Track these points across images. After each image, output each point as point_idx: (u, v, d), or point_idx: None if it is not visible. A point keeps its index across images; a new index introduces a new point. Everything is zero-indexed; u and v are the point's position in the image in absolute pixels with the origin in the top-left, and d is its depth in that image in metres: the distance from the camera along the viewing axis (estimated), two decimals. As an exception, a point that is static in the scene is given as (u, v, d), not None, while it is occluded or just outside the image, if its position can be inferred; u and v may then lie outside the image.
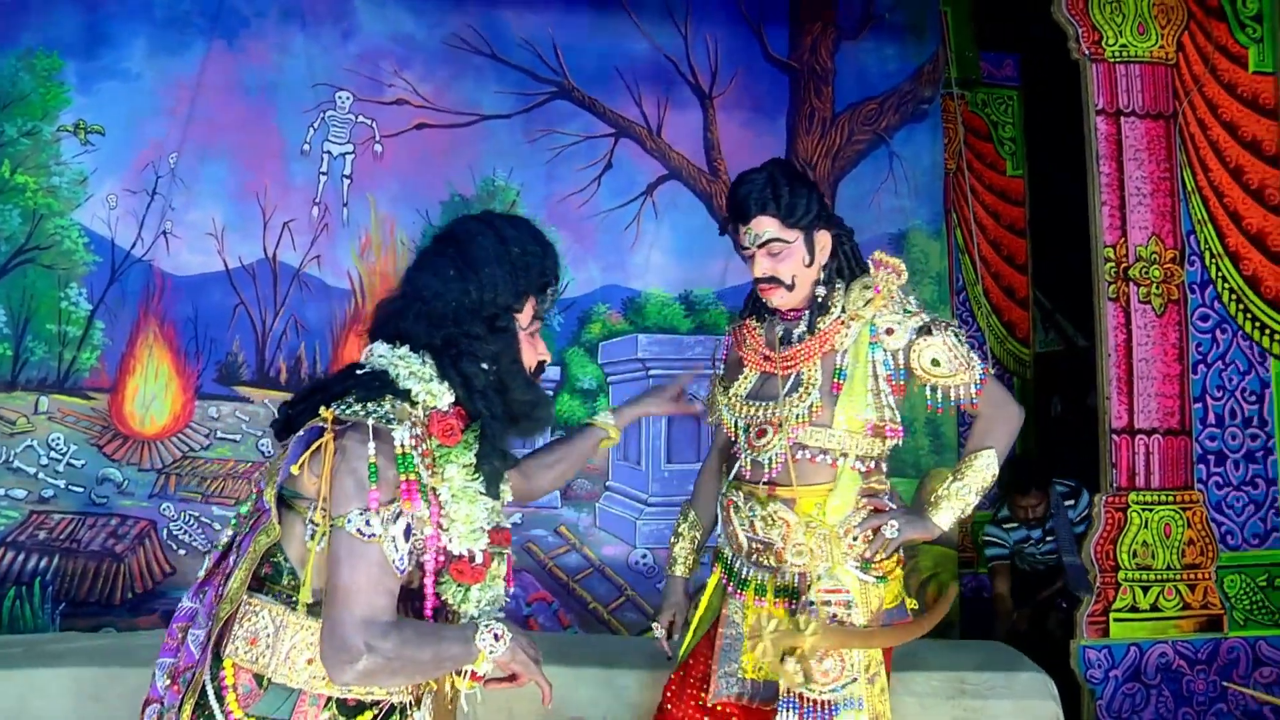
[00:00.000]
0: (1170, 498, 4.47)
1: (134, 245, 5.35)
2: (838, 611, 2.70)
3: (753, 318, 2.99)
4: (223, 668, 1.95)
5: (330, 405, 1.97)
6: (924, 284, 6.01)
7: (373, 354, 2.09)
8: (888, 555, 2.77)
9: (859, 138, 6.05)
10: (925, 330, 2.74)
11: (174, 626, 2.07)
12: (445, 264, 2.09)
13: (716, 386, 3.05)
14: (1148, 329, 4.50)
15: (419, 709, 2.11)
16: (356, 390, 2.00)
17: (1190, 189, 4.58)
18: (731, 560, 2.93)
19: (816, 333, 2.80)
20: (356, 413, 1.94)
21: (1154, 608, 4.43)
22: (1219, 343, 4.56)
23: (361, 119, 5.64)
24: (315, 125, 5.59)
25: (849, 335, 2.77)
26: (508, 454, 2.12)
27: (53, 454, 5.16)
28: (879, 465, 2.81)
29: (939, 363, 2.73)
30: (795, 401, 2.78)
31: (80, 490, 5.18)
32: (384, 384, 2.01)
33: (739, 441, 2.91)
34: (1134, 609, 4.42)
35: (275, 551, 1.98)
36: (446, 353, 2.04)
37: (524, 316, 2.11)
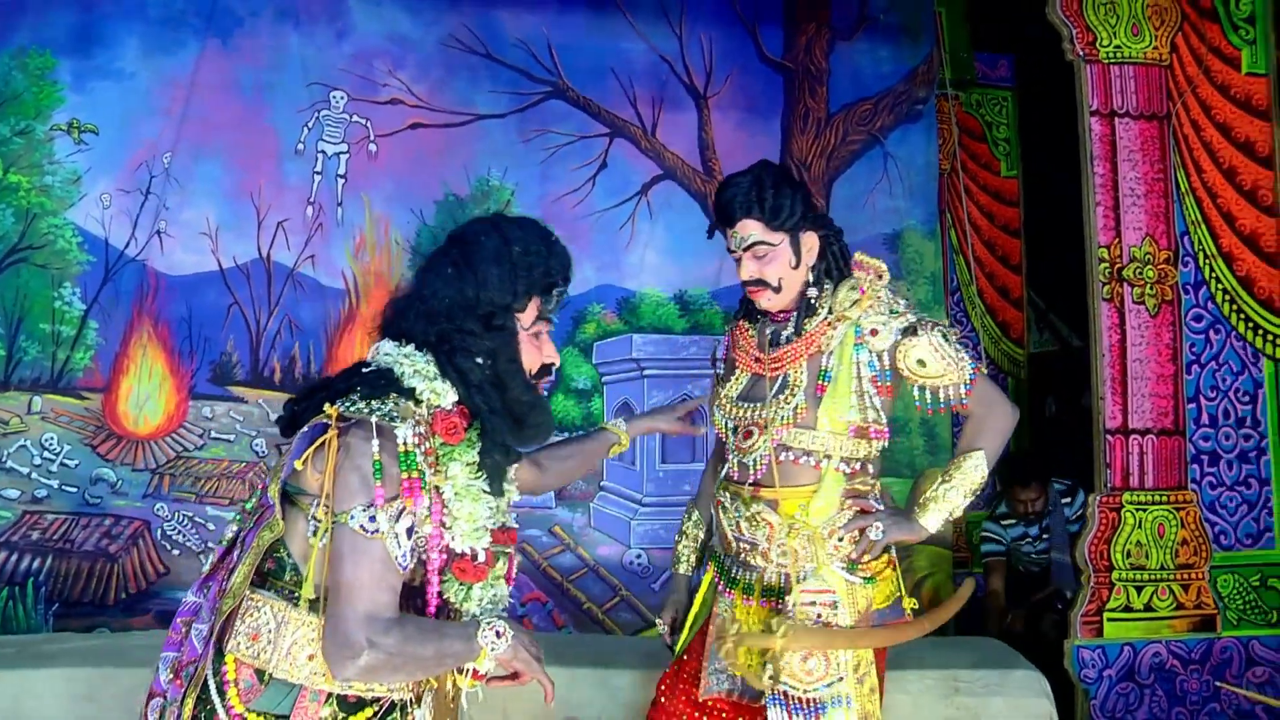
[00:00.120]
0: (1164, 498, 4.48)
1: (128, 245, 5.33)
2: (822, 612, 2.70)
3: (746, 319, 2.98)
4: (224, 663, 1.96)
5: (335, 402, 1.97)
6: (918, 284, 6.02)
7: (379, 352, 2.10)
8: (873, 556, 2.77)
9: (854, 138, 6.05)
10: (911, 331, 2.71)
11: (178, 621, 2.08)
12: (446, 263, 2.10)
13: (716, 387, 3.06)
14: (1142, 329, 4.51)
15: (419, 706, 2.11)
16: (361, 388, 2.01)
17: (1184, 190, 4.59)
18: (723, 559, 2.94)
19: (803, 334, 2.79)
20: (361, 410, 1.94)
21: (1148, 607, 4.44)
22: (1212, 343, 4.57)
23: (356, 118, 5.64)
24: (310, 125, 5.58)
25: (835, 336, 2.76)
26: (510, 449, 2.12)
27: (46, 454, 5.15)
28: (865, 467, 2.79)
29: (925, 363, 2.70)
30: (781, 403, 2.77)
31: (74, 490, 5.17)
32: (388, 382, 2.02)
33: (728, 442, 2.92)
34: (1128, 609, 4.43)
35: (278, 547, 1.99)
36: (441, 348, 2.05)
37: (526, 316, 2.10)
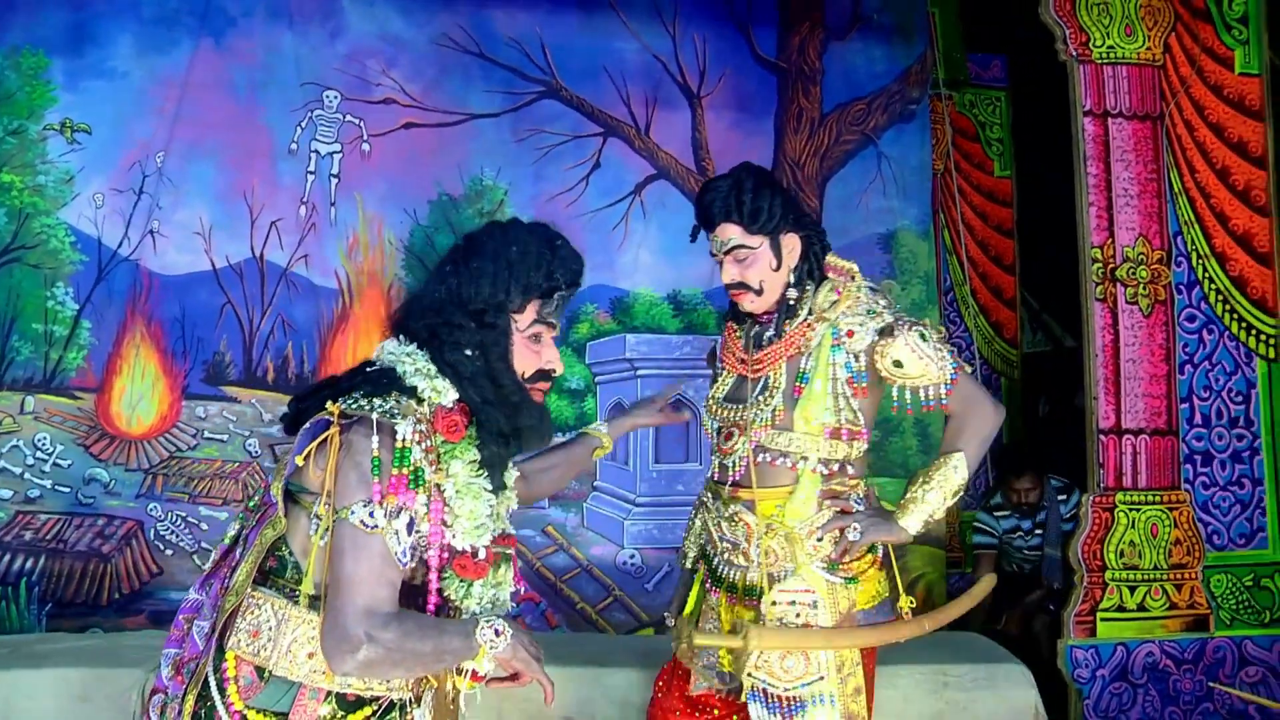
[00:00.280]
0: (1157, 498, 4.49)
1: (121, 244, 5.32)
2: (802, 612, 2.70)
3: (734, 320, 3.00)
4: (225, 659, 1.97)
5: (338, 400, 1.98)
6: (912, 284, 6.02)
7: (383, 351, 2.12)
8: (852, 557, 2.77)
9: (847, 138, 6.05)
10: (887, 331, 2.70)
11: (179, 618, 2.10)
12: (447, 261, 2.13)
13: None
14: (1135, 329, 4.52)
15: (419, 706, 2.12)
16: (364, 386, 2.02)
17: (1177, 190, 4.60)
18: (711, 558, 2.96)
19: (784, 336, 2.81)
20: (362, 407, 1.95)
21: (1141, 607, 4.44)
22: (1206, 343, 4.58)
23: (349, 118, 5.63)
24: (303, 124, 5.57)
25: (814, 338, 2.76)
26: (508, 440, 2.12)
27: (39, 454, 5.14)
28: (844, 468, 2.78)
29: (902, 364, 2.69)
30: (761, 405, 2.79)
31: (67, 490, 5.16)
32: (391, 380, 2.03)
33: (712, 443, 2.95)
34: (1121, 609, 4.43)
35: (280, 545, 2.00)
36: (433, 343, 2.07)
37: (523, 318, 2.10)
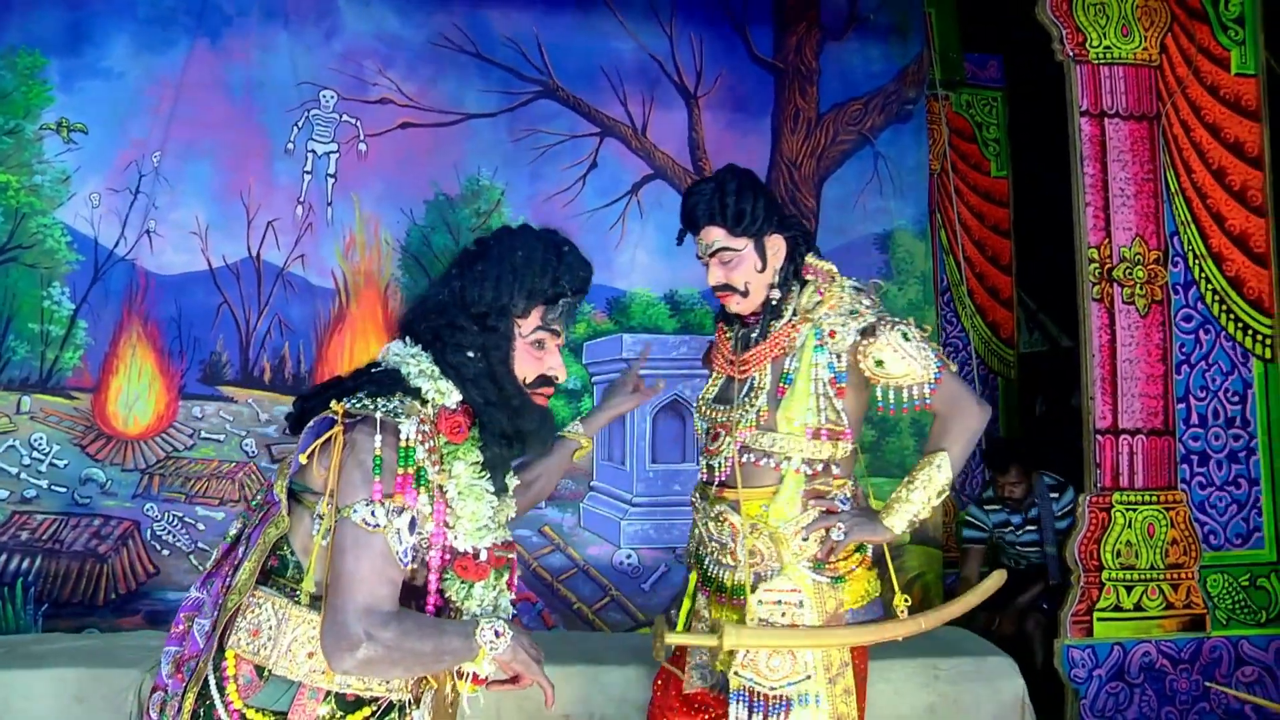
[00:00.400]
0: (1154, 498, 4.49)
1: (117, 244, 5.31)
2: (788, 611, 2.71)
3: (724, 322, 3.01)
4: (225, 658, 1.97)
5: (342, 400, 1.99)
6: (909, 284, 6.03)
7: (389, 352, 2.12)
8: (838, 556, 2.78)
9: (844, 138, 6.06)
10: (869, 331, 2.70)
11: (180, 615, 2.10)
12: (453, 264, 2.13)
13: None
14: (1131, 329, 4.52)
15: (418, 708, 2.11)
16: (368, 386, 2.03)
17: (1174, 190, 4.61)
18: (703, 558, 2.98)
19: (769, 337, 2.82)
20: (366, 407, 1.95)
21: (1137, 607, 4.45)
22: (1202, 343, 4.58)
23: (346, 118, 5.62)
24: (299, 124, 5.57)
25: (799, 338, 2.77)
26: (511, 441, 2.12)
27: (35, 454, 5.13)
28: (828, 468, 2.78)
29: (884, 363, 2.68)
30: (746, 406, 2.80)
31: (63, 490, 5.15)
32: (395, 381, 2.04)
33: (700, 444, 2.98)
34: (1118, 608, 4.44)
35: (282, 544, 2.00)
36: (435, 345, 2.07)
37: (527, 324, 2.10)
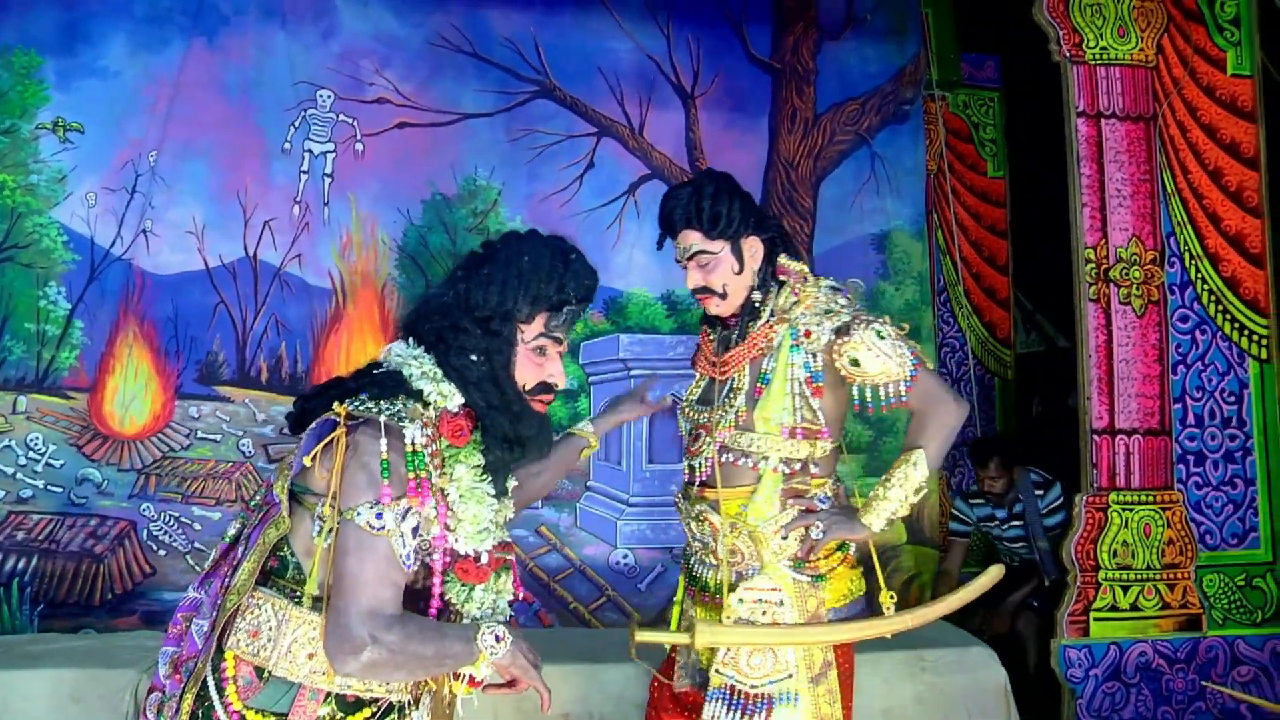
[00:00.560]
0: (1150, 498, 4.50)
1: (113, 244, 5.30)
2: (769, 610, 2.73)
3: (707, 324, 3.03)
4: (224, 659, 1.96)
5: (344, 401, 1.98)
6: (906, 285, 6.04)
7: (390, 354, 2.12)
8: (817, 555, 2.79)
9: (841, 138, 6.06)
10: (844, 330, 2.71)
11: (178, 616, 2.09)
12: (459, 267, 2.13)
13: None
14: (1128, 330, 4.53)
15: (417, 709, 2.11)
16: (371, 388, 2.02)
17: (1170, 191, 4.62)
18: (689, 557, 3.01)
19: (747, 338, 2.84)
20: (369, 409, 1.95)
21: (1134, 607, 4.46)
22: (1198, 343, 4.59)
23: (343, 118, 5.62)
24: (296, 124, 5.56)
25: (776, 339, 2.80)
26: (512, 445, 2.11)
27: (31, 454, 5.12)
28: (806, 467, 2.80)
29: (859, 362, 2.70)
30: (726, 406, 2.83)
31: (59, 490, 5.14)
32: (397, 383, 2.03)
33: (685, 445, 2.99)
34: (1114, 608, 4.45)
35: (282, 545, 1.99)
36: (438, 347, 2.06)
37: (530, 329, 2.09)
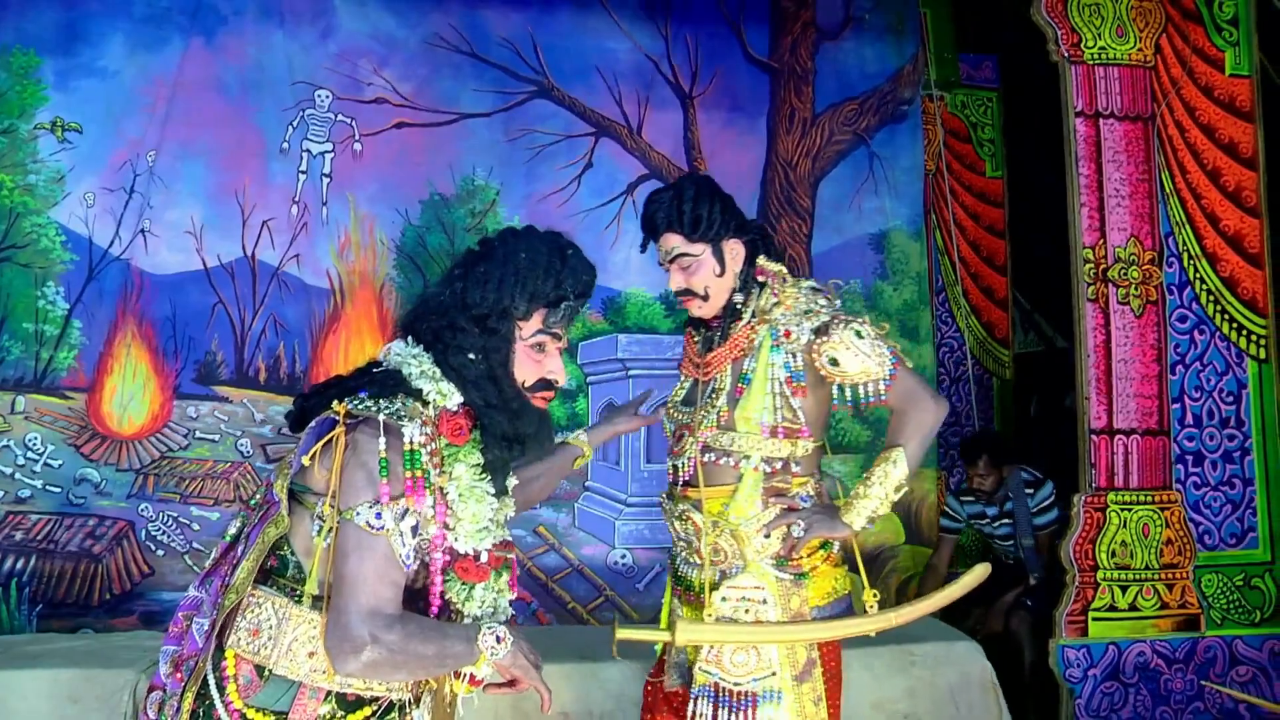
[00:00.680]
0: (1149, 498, 4.50)
1: (112, 244, 5.30)
2: (752, 608, 2.75)
3: (692, 326, 3.06)
4: (224, 658, 1.96)
5: (343, 400, 1.98)
6: (904, 284, 6.04)
7: (390, 353, 2.12)
8: (799, 553, 2.81)
9: (839, 138, 6.07)
10: (823, 330, 2.74)
11: (178, 615, 2.09)
12: (456, 265, 2.13)
13: None
14: (1126, 330, 4.53)
15: (418, 707, 2.11)
16: (370, 387, 2.02)
17: (1168, 191, 4.62)
18: (674, 557, 3.03)
19: (729, 338, 2.87)
20: (369, 408, 1.95)
21: (1132, 607, 4.46)
22: (1197, 343, 4.59)
23: (341, 117, 5.62)
24: (294, 124, 5.56)
25: (756, 339, 2.82)
26: (511, 443, 2.11)
27: (29, 454, 5.11)
28: (787, 466, 2.82)
29: (838, 361, 2.72)
30: (708, 407, 2.86)
31: (57, 490, 5.14)
32: (397, 382, 2.03)
33: (669, 445, 3.03)
34: (1112, 608, 4.45)
35: (282, 544, 2.00)
36: (436, 346, 2.07)
37: (528, 326, 2.09)
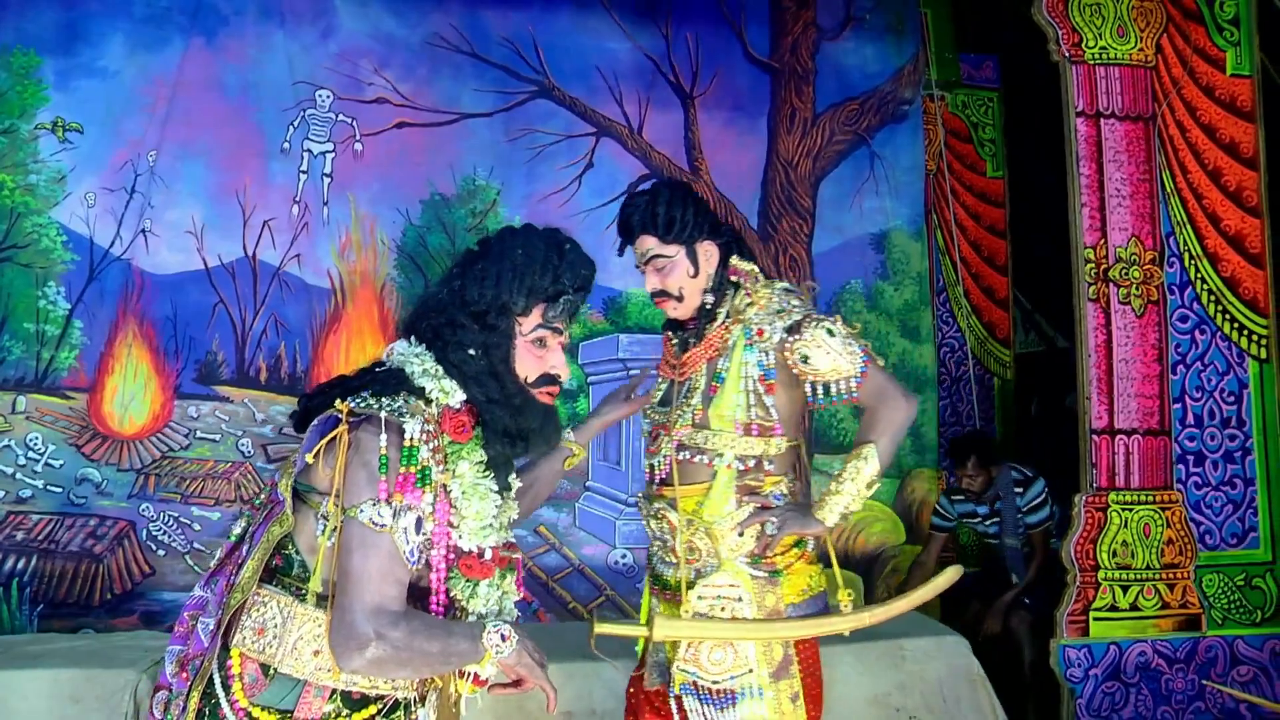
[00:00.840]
0: (1150, 498, 4.50)
1: (112, 244, 5.30)
2: (727, 606, 2.77)
3: (670, 329, 3.08)
4: (230, 657, 1.96)
5: (346, 399, 1.98)
6: (905, 284, 6.04)
7: (393, 352, 2.12)
8: (773, 551, 2.82)
9: (840, 138, 6.06)
10: (795, 328, 2.76)
11: (184, 614, 2.09)
12: (456, 264, 2.14)
13: None
14: (1127, 330, 4.53)
15: (423, 706, 2.11)
16: (373, 386, 2.03)
17: (1169, 191, 4.62)
18: (651, 556, 3.04)
19: (703, 339, 2.90)
20: (370, 406, 1.96)
21: (1133, 607, 4.46)
22: (1198, 343, 4.59)
23: (342, 117, 5.62)
24: (295, 123, 5.56)
25: (730, 339, 2.85)
26: (514, 439, 2.11)
27: (30, 454, 5.12)
28: (760, 464, 2.84)
29: (810, 359, 2.74)
30: (683, 406, 2.88)
31: (58, 490, 5.14)
32: (400, 381, 2.04)
33: (645, 445, 3.05)
34: (1113, 608, 4.45)
35: (287, 543, 2.00)
36: (436, 344, 2.07)
37: (527, 322, 2.09)
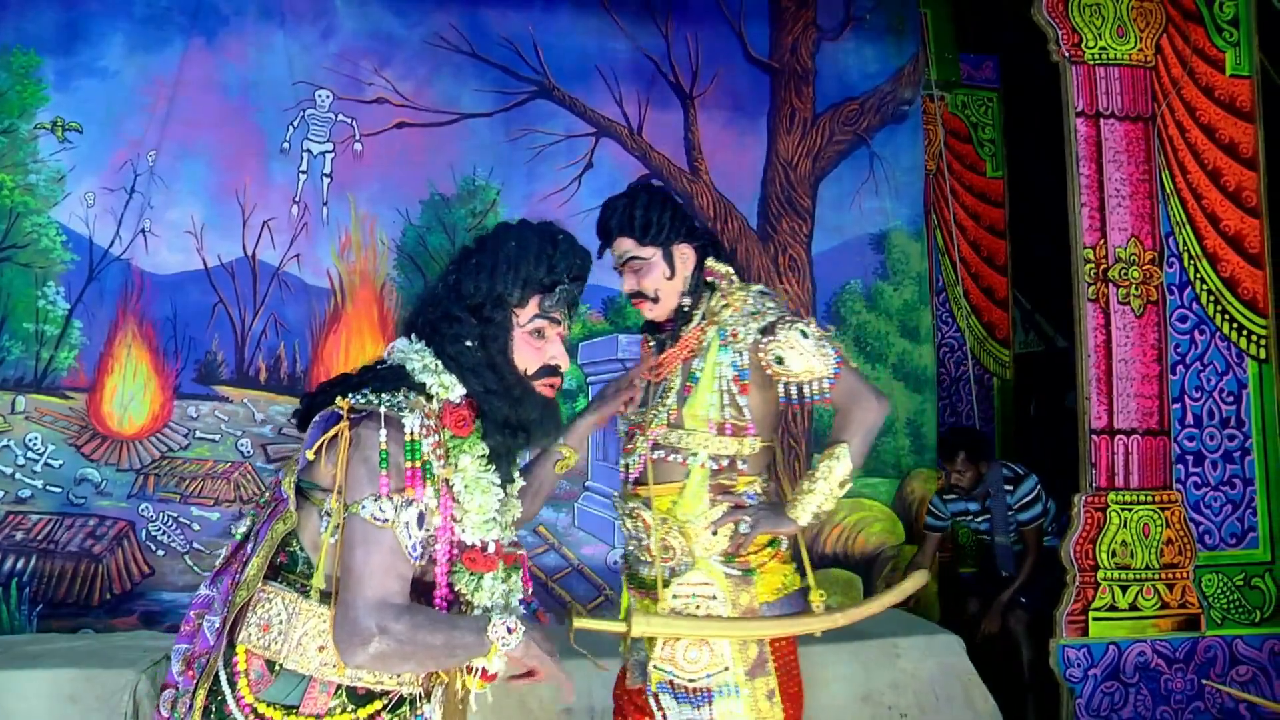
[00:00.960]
0: (1149, 498, 4.50)
1: (112, 244, 5.29)
2: (702, 604, 2.79)
3: (647, 331, 3.10)
4: (235, 654, 1.97)
5: (347, 396, 2.00)
6: (904, 285, 6.04)
7: (394, 349, 2.14)
8: (746, 550, 2.83)
9: (840, 138, 6.06)
10: (769, 330, 2.79)
11: (190, 613, 2.10)
12: (452, 260, 2.16)
13: None
14: (1127, 330, 4.53)
15: (428, 701, 2.11)
16: (374, 383, 2.04)
17: (1169, 191, 4.62)
18: (627, 554, 3.07)
19: (679, 340, 2.93)
20: (371, 402, 1.97)
21: (1133, 607, 4.46)
22: (1197, 344, 4.59)
23: (341, 117, 5.61)
24: (295, 123, 5.55)
25: (705, 340, 2.87)
26: (515, 429, 2.12)
27: (30, 454, 5.11)
28: (734, 464, 2.86)
29: (783, 360, 2.76)
30: (659, 406, 2.91)
31: (58, 490, 5.14)
32: (400, 377, 2.05)
33: (621, 445, 3.06)
34: (1113, 608, 4.45)
35: (291, 540, 2.01)
36: (434, 339, 2.09)
37: (524, 313, 2.11)
